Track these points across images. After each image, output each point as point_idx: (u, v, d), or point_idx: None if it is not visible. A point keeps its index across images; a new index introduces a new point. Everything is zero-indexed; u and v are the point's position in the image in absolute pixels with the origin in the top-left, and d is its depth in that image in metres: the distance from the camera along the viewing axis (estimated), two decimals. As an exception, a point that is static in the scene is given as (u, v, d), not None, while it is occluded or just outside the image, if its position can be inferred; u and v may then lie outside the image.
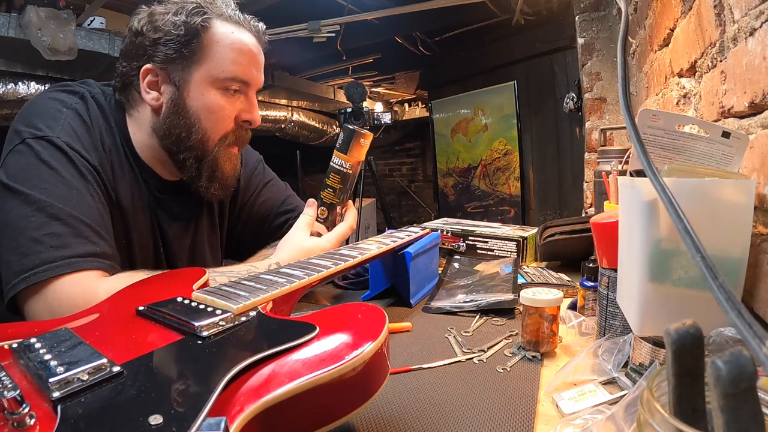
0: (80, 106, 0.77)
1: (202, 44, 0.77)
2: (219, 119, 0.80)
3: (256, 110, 0.84)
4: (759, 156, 0.55)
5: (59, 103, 0.76)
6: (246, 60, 0.80)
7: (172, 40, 0.76)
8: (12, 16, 2.07)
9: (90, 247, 0.68)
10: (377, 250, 0.77)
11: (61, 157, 0.71)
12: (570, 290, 0.88)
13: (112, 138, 0.79)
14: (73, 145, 0.72)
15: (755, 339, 0.22)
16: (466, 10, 2.74)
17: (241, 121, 0.83)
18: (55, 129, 0.72)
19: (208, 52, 0.77)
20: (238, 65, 0.79)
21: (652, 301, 0.48)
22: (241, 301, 0.47)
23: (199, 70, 0.78)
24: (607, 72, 2.00)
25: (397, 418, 0.48)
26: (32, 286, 0.64)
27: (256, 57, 0.82)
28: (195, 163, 0.82)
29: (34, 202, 0.67)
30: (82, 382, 0.33)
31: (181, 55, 0.76)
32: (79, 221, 0.68)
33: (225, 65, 0.78)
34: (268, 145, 5.10)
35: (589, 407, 0.48)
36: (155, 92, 0.79)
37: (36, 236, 0.65)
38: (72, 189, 0.70)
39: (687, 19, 0.83)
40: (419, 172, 5.74)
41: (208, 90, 0.78)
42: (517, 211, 3.50)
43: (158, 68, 0.77)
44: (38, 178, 0.68)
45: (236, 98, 0.81)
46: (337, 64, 3.62)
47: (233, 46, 0.78)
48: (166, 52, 0.76)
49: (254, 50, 0.81)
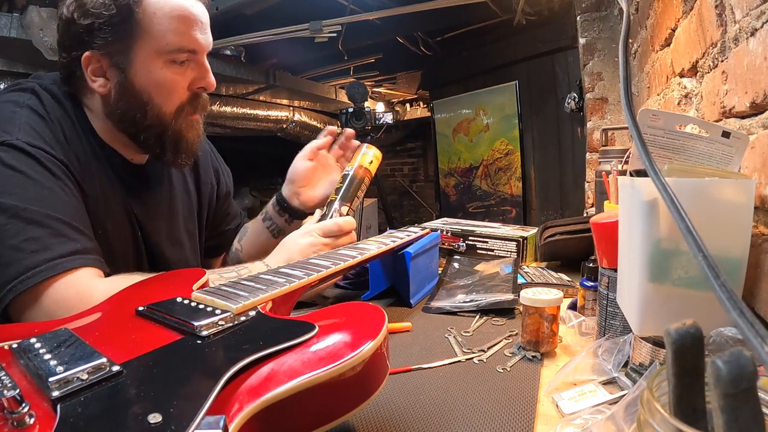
0: (33, 102, 0.75)
1: (138, 20, 0.72)
2: (171, 92, 0.77)
3: (209, 74, 0.80)
4: (760, 156, 0.55)
5: (11, 104, 0.74)
6: (188, 26, 0.75)
7: (105, 22, 0.71)
8: (14, 16, 2.07)
9: (71, 245, 0.67)
10: (377, 250, 0.77)
11: (26, 159, 0.69)
12: (570, 290, 0.88)
13: (72, 128, 0.77)
14: (35, 143, 0.70)
15: (757, 338, 0.22)
16: (468, 10, 2.73)
17: (197, 89, 0.80)
18: (12, 132, 0.70)
19: (146, 27, 0.73)
20: (181, 35, 0.74)
21: (652, 301, 0.48)
22: (241, 301, 0.47)
23: (140, 48, 0.74)
24: (608, 72, 2.00)
25: (397, 418, 0.48)
26: (22, 295, 0.63)
27: (199, 19, 0.77)
28: (157, 140, 0.79)
29: (7, 209, 0.65)
30: (82, 381, 0.33)
31: (118, 36, 0.72)
32: (55, 220, 0.67)
33: (167, 37, 0.74)
34: (269, 145, 5.10)
35: (589, 407, 0.48)
36: (101, 78, 0.76)
37: (15, 244, 0.64)
38: (43, 188, 0.68)
39: (688, 19, 0.83)
40: (421, 172, 5.74)
41: (154, 66, 0.75)
42: (519, 211, 3.49)
43: (99, 54, 0.74)
44: (6, 184, 0.67)
45: (186, 67, 0.78)
46: (339, 64, 3.62)
47: (172, 14, 0.73)
48: (102, 36, 0.72)
49: (195, 12, 0.76)
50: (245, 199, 5.23)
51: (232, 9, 2.26)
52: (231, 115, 3.62)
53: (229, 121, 3.66)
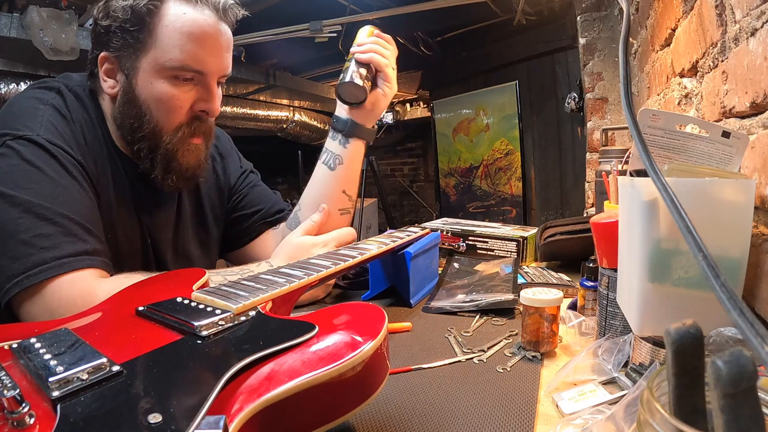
0: (57, 101, 0.76)
1: (150, 30, 0.72)
2: (170, 109, 0.76)
3: (214, 99, 0.78)
4: (760, 156, 0.55)
5: (36, 101, 0.75)
6: (198, 45, 0.74)
7: (121, 26, 0.73)
8: (14, 16, 2.07)
9: (81, 245, 0.68)
10: (377, 250, 0.77)
11: (44, 155, 0.69)
12: (570, 290, 0.88)
13: (93, 130, 0.78)
14: (55, 141, 0.71)
15: (757, 338, 0.22)
16: (468, 10, 2.74)
17: (198, 111, 0.79)
18: (34, 128, 0.71)
19: (156, 39, 0.73)
20: (187, 53, 0.73)
21: (652, 301, 0.48)
22: (241, 301, 0.47)
23: (146, 58, 0.74)
24: (608, 72, 2.00)
25: (397, 418, 0.48)
26: (27, 290, 0.64)
27: (215, 40, 0.75)
28: (149, 154, 0.78)
29: (21, 203, 0.66)
30: (82, 381, 0.33)
31: (129, 42, 0.73)
32: (68, 219, 0.68)
33: (172, 53, 0.73)
34: (269, 145, 5.10)
35: (589, 407, 0.48)
36: (111, 80, 0.77)
37: (25, 239, 0.64)
38: (58, 186, 0.69)
39: (688, 19, 0.83)
40: (421, 172, 5.75)
41: (156, 79, 0.74)
42: (519, 211, 3.49)
43: (112, 56, 0.75)
44: (23, 178, 0.67)
45: (189, 87, 0.76)
46: (339, 64, 3.62)
47: (183, 29, 0.72)
48: (116, 39, 0.74)
49: (211, 32, 0.74)
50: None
51: (232, 9, 2.26)
52: (231, 115, 3.63)
53: (229, 121, 3.66)
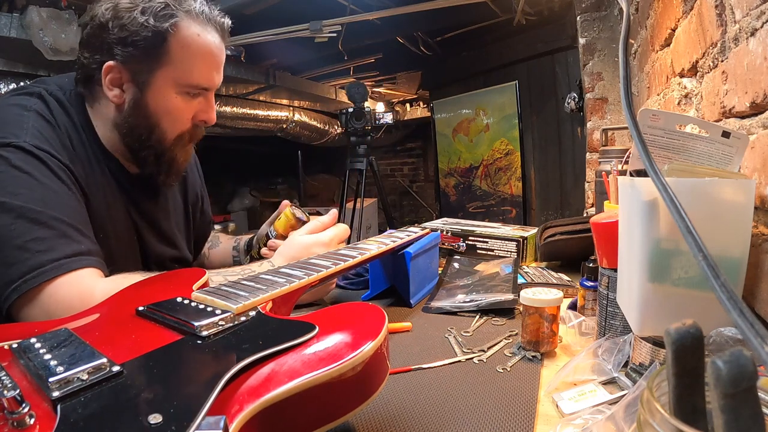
0: (40, 107, 0.77)
1: (168, 48, 0.76)
2: (177, 120, 0.82)
3: (212, 110, 0.86)
4: (760, 156, 0.55)
5: (19, 107, 0.75)
6: (210, 66, 0.81)
7: (139, 41, 0.74)
8: (14, 16, 2.07)
9: (75, 246, 0.69)
10: (377, 250, 0.77)
11: (32, 161, 0.70)
12: (570, 290, 0.88)
13: (77, 134, 0.79)
14: (42, 146, 0.72)
15: (757, 338, 0.22)
16: (468, 10, 2.73)
17: (198, 121, 0.85)
18: (20, 134, 0.71)
19: (174, 57, 0.77)
20: (201, 73, 0.80)
21: (652, 301, 0.48)
22: (241, 301, 0.47)
23: (162, 74, 0.77)
24: (608, 72, 2.00)
25: (397, 418, 0.48)
26: (26, 294, 0.64)
27: (218, 59, 0.82)
28: (154, 160, 0.83)
29: (13, 209, 0.66)
30: (82, 381, 0.33)
31: (146, 58, 0.76)
32: (60, 222, 0.68)
33: (189, 73, 0.79)
34: (269, 145, 5.08)
35: (589, 407, 0.48)
36: (117, 89, 0.78)
37: (20, 244, 0.65)
38: (48, 190, 0.70)
39: (688, 19, 0.83)
40: (421, 172, 5.74)
41: (169, 93, 0.79)
42: (519, 211, 3.49)
43: (121, 66, 0.76)
44: (13, 185, 0.68)
45: (195, 100, 0.82)
46: (339, 64, 3.62)
47: (198, 52, 0.78)
48: (131, 52, 0.75)
49: (217, 52, 0.81)
50: (245, 199, 5.21)
51: (232, 9, 2.26)
52: (231, 114, 3.62)
53: (229, 121, 3.66)
